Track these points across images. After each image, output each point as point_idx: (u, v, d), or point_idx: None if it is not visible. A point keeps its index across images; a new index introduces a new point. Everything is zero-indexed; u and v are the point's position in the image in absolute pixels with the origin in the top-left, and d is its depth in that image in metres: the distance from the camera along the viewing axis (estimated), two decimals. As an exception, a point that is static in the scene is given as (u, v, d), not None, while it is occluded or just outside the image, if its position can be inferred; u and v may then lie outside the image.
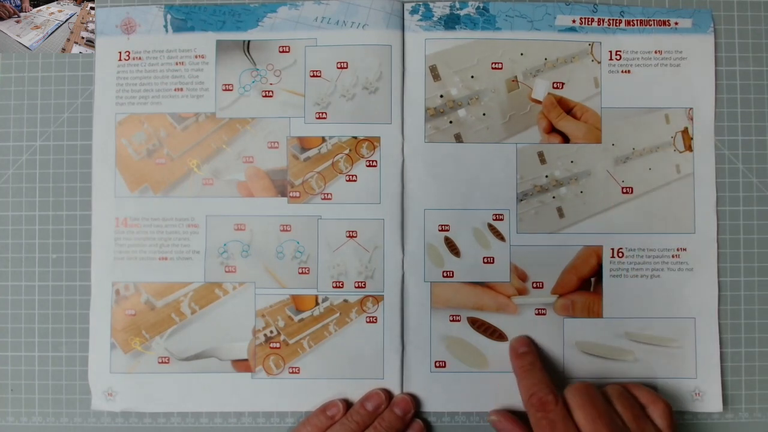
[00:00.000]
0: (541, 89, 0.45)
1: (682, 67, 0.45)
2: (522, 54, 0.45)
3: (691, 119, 0.45)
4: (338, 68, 0.45)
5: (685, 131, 0.45)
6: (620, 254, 0.45)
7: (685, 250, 0.45)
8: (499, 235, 0.45)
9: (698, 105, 0.45)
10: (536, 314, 0.45)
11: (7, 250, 0.45)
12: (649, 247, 0.45)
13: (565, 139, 0.45)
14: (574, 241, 0.45)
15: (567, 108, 0.45)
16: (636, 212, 0.45)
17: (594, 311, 0.44)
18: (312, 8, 0.45)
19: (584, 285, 0.45)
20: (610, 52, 0.45)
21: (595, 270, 0.45)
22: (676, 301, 0.44)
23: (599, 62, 0.45)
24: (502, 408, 0.44)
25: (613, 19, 0.45)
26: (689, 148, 0.45)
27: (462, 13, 0.45)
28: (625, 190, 0.45)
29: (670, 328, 0.44)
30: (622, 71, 0.45)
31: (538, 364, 0.42)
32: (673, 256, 0.45)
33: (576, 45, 0.45)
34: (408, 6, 0.45)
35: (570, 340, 0.44)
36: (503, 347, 0.44)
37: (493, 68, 0.45)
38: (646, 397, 0.41)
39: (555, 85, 0.45)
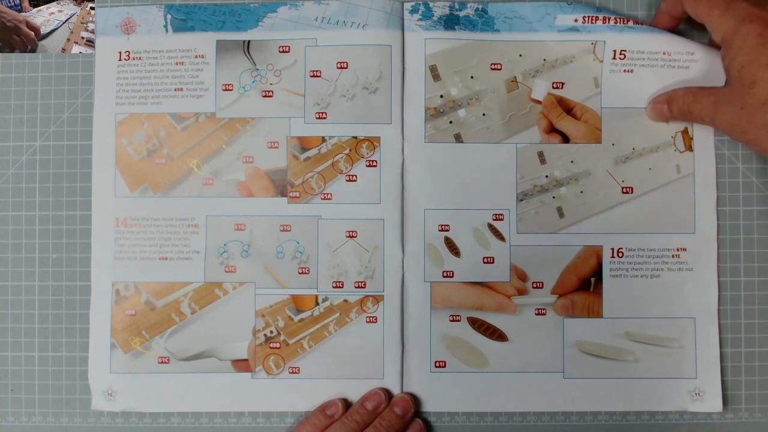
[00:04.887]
0: (540, 89, 0.45)
1: (691, 69, 0.44)
2: (521, 55, 0.45)
3: (691, 119, 0.45)
4: (338, 68, 0.45)
5: (685, 131, 0.45)
6: (620, 254, 0.45)
7: (684, 250, 0.45)
8: (499, 235, 0.45)
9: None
10: (536, 314, 0.44)
11: (7, 250, 0.45)
12: (649, 247, 0.45)
13: (565, 139, 0.45)
14: (574, 241, 0.45)
15: (567, 108, 0.45)
16: (636, 212, 0.45)
17: (594, 311, 0.44)
18: (312, 8, 0.45)
19: (584, 285, 0.45)
20: (614, 51, 0.45)
21: (595, 270, 0.45)
22: (675, 301, 0.44)
23: (601, 61, 0.45)
24: None
25: (620, 18, 0.45)
26: (689, 148, 0.45)
27: (461, 14, 0.45)
28: (625, 190, 0.45)
29: (670, 328, 0.44)
30: (625, 71, 0.45)
31: None
32: (672, 256, 0.45)
33: (576, 45, 0.45)
34: (408, 5, 0.45)
35: (570, 340, 0.44)
36: (503, 347, 0.44)
37: (492, 69, 0.45)
38: None
39: (555, 85, 0.45)
